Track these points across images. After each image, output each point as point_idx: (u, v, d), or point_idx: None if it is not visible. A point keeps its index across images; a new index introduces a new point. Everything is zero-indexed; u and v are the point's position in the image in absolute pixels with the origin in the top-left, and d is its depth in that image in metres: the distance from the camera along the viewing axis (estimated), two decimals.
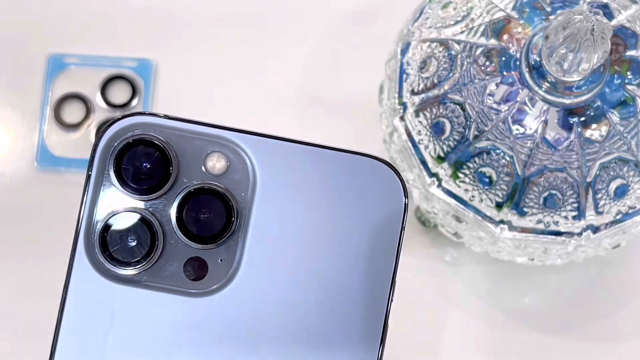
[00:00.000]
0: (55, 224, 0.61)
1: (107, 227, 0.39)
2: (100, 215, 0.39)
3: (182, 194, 0.39)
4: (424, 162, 0.49)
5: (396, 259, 0.40)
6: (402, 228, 0.40)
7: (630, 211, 0.49)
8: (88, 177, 0.39)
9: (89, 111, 0.62)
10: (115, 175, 0.38)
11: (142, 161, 0.39)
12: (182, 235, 0.39)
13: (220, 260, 0.39)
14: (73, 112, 0.63)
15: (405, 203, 0.40)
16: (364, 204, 0.40)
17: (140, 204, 0.39)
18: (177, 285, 0.39)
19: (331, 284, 0.40)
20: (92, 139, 0.62)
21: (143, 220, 0.39)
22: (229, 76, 0.64)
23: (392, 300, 0.40)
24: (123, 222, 0.39)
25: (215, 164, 0.39)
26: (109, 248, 0.38)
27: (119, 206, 0.39)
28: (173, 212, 0.39)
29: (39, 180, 0.62)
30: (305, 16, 0.65)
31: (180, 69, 0.64)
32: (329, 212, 0.40)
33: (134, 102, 0.62)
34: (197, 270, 0.39)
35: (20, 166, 0.62)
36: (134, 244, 0.39)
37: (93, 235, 0.39)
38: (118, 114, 0.62)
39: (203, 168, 0.39)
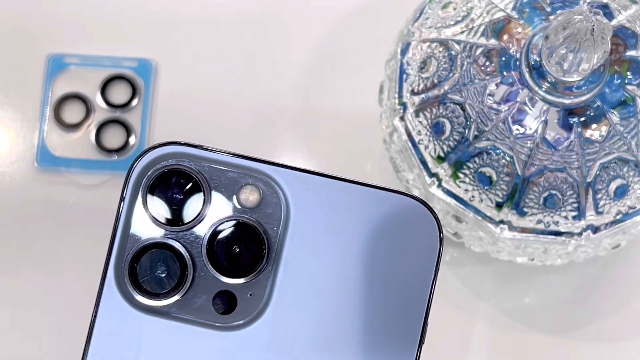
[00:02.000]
0: (56, 224, 0.61)
1: (137, 256, 0.38)
2: (131, 244, 0.38)
3: (214, 227, 0.38)
4: (424, 162, 0.49)
5: (429, 300, 0.40)
6: (437, 268, 0.40)
7: (630, 211, 0.49)
8: (120, 205, 0.38)
9: (89, 111, 0.62)
10: (147, 205, 0.38)
11: (175, 191, 0.38)
12: (212, 268, 0.38)
13: (250, 294, 0.39)
14: (73, 112, 0.63)
15: (440, 245, 0.39)
16: (398, 243, 0.39)
17: (172, 235, 0.38)
18: (205, 318, 0.39)
19: (361, 325, 0.39)
20: (93, 139, 0.62)
21: (174, 251, 0.38)
22: (228, 76, 0.64)
23: (423, 342, 0.40)
24: (153, 252, 0.38)
25: (249, 196, 0.39)
26: (138, 278, 0.38)
27: (150, 236, 0.38)
28: (204, 244, 0.38)
29: (39, 181, 0.62)
30: (305, 16, 0.65)
31: (180, 69, 0.64)
32: (363, 250, 0.39)
33: (134, 102, 0.62)
34: (226, 304, 0.39)
35: (20, 166, 0.62)
36: (164, 275, 0.38)
37: (123, 265, 0.38)
38: (118, 113, 0.62)
39: (236, 200, 0.38)
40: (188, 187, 0.38)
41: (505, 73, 0.46)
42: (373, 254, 0.39)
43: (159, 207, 0.38)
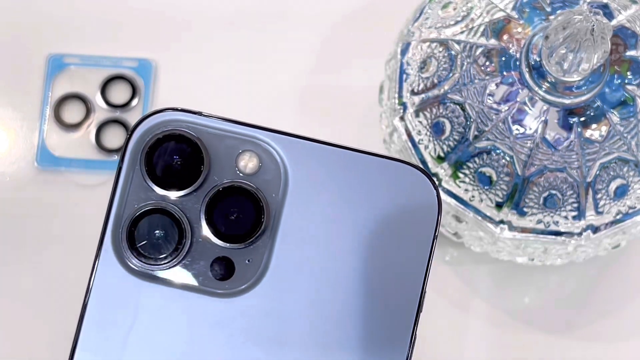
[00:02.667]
0: (56, 224, 0.61)
1: (135, 221, 0.38)
2: (128, 209, 0.38)
3: (213, 192, 0.38)
4: (423, 162, 0.49)
5: (427, 266, 0.39)
6: (435, 237, 0.39)
7: (630, 211, 0.49)
8: (119, 170, 0.38)
9: (89, 111, 0.62)
10: (146, 170, 0.38)
11: (173, 157, 0.38)
12: (210, 234, 0.38)
13: (248, 261, 0.38)
14: (73, 112, 0.63)
15: (438, 210, 0.39)
16: (395, 210, 0.39)
17: (170, 200, 0.38)
18: (203, 284, 0.38)
19: (360, 290, 0.39)
20: (93, 139, 0.62)
21: (172, 216, 0.38)
22: (228, 77, 0.64)
23: (422, 309, 0.39)
24: (151, 217, 0.38)
25: (247, 163, 0.39)
26: (135, 243, 0.38)
27: (148, 201, 0.38)
28: (202, 209, 0.38)
29: (39, 181, 0.62)
30: (305, 16, 0.65)
31: (180, 69, 0.64)
32: (360, 217, 0.39)
33: (134, 102, 0.62)
34: (223, 270, 0.39)
35: (20, 166, 0.62)
36: (161, 240, 0.38)
37: (120, 230, 0.38)
38: (118, 113, 0.62)
39: (235, 167, 0.38)
40: (187, 152, 0.38)
41: (505, 73, 0.46)
42: (371, 220, 0.39)
43: (157, 172, 0.38)
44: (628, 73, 0.46)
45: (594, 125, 0.46)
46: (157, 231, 0.38)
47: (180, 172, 0.38)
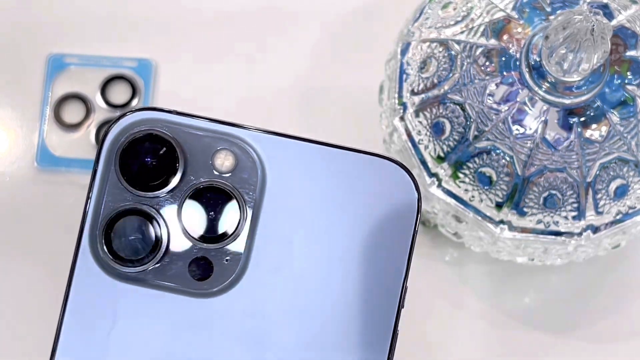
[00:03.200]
0: (56, 224, 0.61)
1: (111, 223, 0.38)
2: (105, 211, 0.38)
3: (189, 192, 0.38)
4: (423, 162, 0.49)
5: (408, 263, 0.39)
6: (415, 232, 0.39)
7: (630, 211, 0.49)
8: (94, 172, 0.38)
9: (89, 111, 0.62)
10: (121, 171, 0.37)
11: (148, 157, 0.38)
12: (187, 234, 0.38)
13: (226, 260, 0.38)
14: (73, 112, 0.63)
15: (418, 205, 0.38)
16: (375, 206, 0.39)
17: (146, 201, 0.38)
18: (181, 285, 0.38)
19: (340, 288, 0.38)
20: (92, 139, 0.62)
21: (148, 217, 0.38)
22: (228, 77, 0.64)
23: (402, 306, 0.39)
24: (128, 219, 0.38)
25: (224, 161, 0.38)
26: (112, 245, 0.38)
27: (125, 203, 0.38)
28: (179, 210, 0.38)
29: (39, 181, 0.62)
30: (305, 16, 0.65)
31: (180, 69, 0.64)
32: (340, 213, 0.38)
33: (134, 102, 0.62)
34: (202, 270, 0.38)
35: (20, 166, 0.62)
36: (138, 241, 0.38)
37: (97, 232, 0.38)
38: (118, 113, 0.62)
39: (211, 165, 0.38)
40: (162, 152, 0.38)
41: (505, 73, 0.46)
42: (350, 217, 0.38)
43: (133, 173, 0.37)
44: (628, 73, 0.46)
45: (594, 125, 0.46)
46: (134, 232, 0.38)
47: (156, 172, 0.38)
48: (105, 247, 0.38)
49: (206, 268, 0.38)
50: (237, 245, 0.38)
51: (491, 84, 0.47)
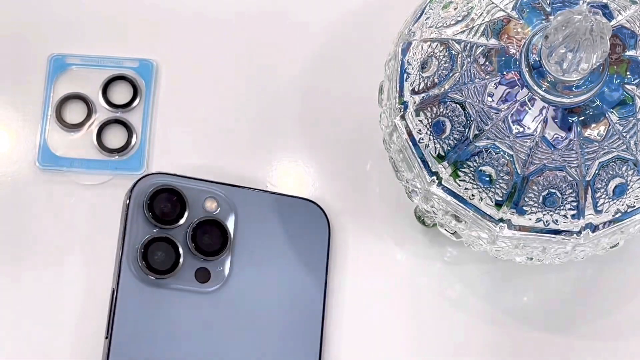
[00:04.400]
0: (57, 224, 0.61)
1: (146, 247, 0.56)
2: (139, 238, 0.56)
3: (193, 225, 0.57)
4: (424, 161, 0.49)
5: (326, 275, 0.59)
6: (328, 253, 0.60)
7: (629, 210, 0.49)
8: (126, 216, 0.56)
9: (90, 111, 0.63)
10: (149, 213, 0.56)
11: (165, 203, 0.57)
12: (195, 252, 0.57)
13: (219, 268, 0.57)
14: (74, 113, 0.63)
15: (328, 237, 0.60)
16: (298, 235, 0.59)
17: (165, 230, 0.57)
18: (189, 286, 0.57)
19: (281, 288, 0.58)
20: (94, 139, 0.62)
21: (170, 242, 0.57)
22: (229, 77, 0.64)
23: (325, 305, 0.59)
24: (156, 243, 0.56)
25: (211, 205, 0.58)
26: (148, 261, 0.56)
27: (152, 232, 0.56)
28: (188, 236, 0.57)
29: (41, 180, 0.62)
30: (305, 16, 0.65)
31: (181, 70, 0.64)
32: (272, 240, 0.59)
33: (135, 102, 0.63)
34: (203, 276, 0.57)
35: (21, 166, 0.62)
36: (163, 258, 0.56)
37: (135, 253, 0.55)
38: (119, 113, 0.63)
39: (203, 207, 0.58)
40: (173, 199, 0.57)
41: (505, 72, 0.47)
42: (281, 242, 0.59)
43: (158, 213, 0.57)
44: (627, 73, 0.47)
45: (593, 125, 0.46)
46: (161, 252, 0.56)
47: (172, 211, 0.57)
48: (140, 264, 0.55)
49: (206, 274, 0.57)
50: (225, 258, 0.58)
51: (491, 83, 0.47)
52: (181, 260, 0.56)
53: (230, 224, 0.58)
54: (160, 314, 0.55)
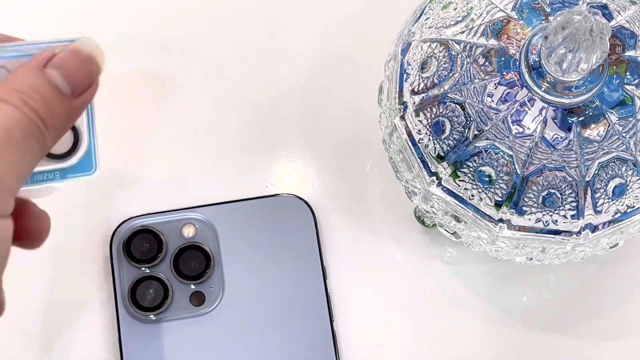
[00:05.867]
0: (58, 224, 0.61)
1: (134, 287, 0.58)
2: (127, 280, 0.58)
3: (173, 254, 0.59)
4: (423, 161, 0.49)
5: (322, 268, 0.59)
6: (318, 240, 0.60)
7: (629, 210, 0.49)
8: (112, 265, 0.59)
9: None
10: (130, 256, 0.59)
11: (143, 242, 0.59)
12: (182, 280, 0.59)
13: (211, 288, 0.59)
14: None
15: (314, 222, 0.60)
16: (289, 233, 0.60)
17: (149, 269, 0.59)
18: (188, 312, 0.59)
19: (279, 288, 0.59)
20: None
21: (155, 278, 0.58)
22: (229, 77, 0.64)
23: (327, 290, 0.59)
24: (143, 283, 0.58)
25: (188, 231, 0.59)
26: (138, 302, 0.58)
27: (138, 274, 0.58)
28: (171, 267, 0.59)
29: None
30: (305, 17, 0.65)
31: (178, 69, 0.64)
32: (266, 247, 0.59)
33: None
34: (198, 299, 0.59)
35: None
36: (154, 295, 0.58)
37: (127, 295, 0.58)
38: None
39: (181, 235, 0.59)
40: (150, 236, 0.59)
41: (504, 73, 0.47)
42: (273, 246, 0.60)
43: (137, 255, 0.59)
44: (627, 73, 0.47)
45: (592, 125, 0.47)
46: (149, 290, 0.58)
47: (150, 249, 0.59)
48: (134, 305, 0.58)
49: (200, 297, 0.59)
50: (215, 277, 0.59)
51: (491, 83, 0.47)
52: (170, 292, 0.58)
53: (211, 243, 0.59)
54: (167, 346, 0.58)
